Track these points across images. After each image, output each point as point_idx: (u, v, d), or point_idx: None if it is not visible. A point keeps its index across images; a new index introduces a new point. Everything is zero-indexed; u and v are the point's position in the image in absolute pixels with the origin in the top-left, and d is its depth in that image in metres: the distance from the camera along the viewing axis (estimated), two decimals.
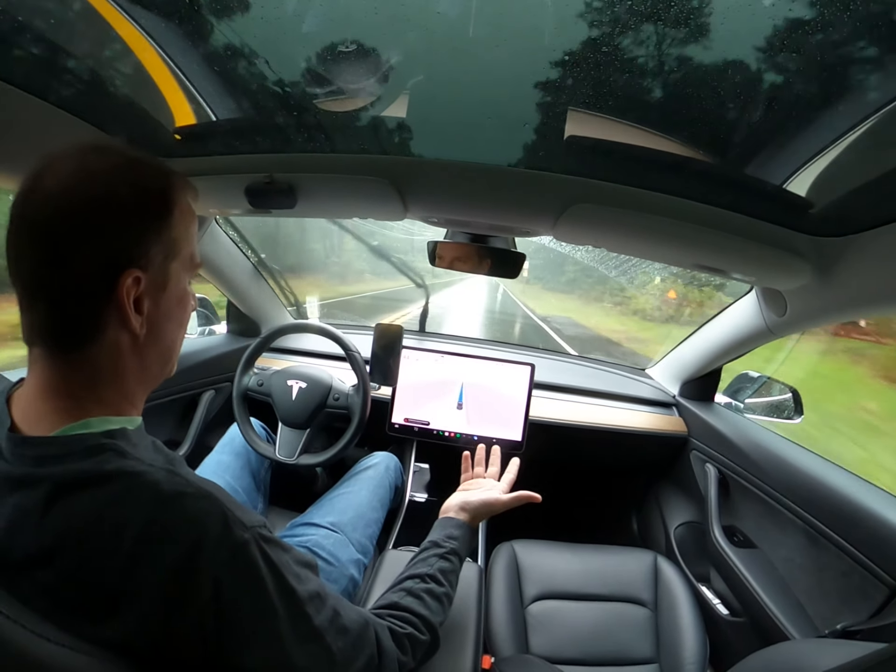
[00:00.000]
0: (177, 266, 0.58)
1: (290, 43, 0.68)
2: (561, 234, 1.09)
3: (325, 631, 0.56)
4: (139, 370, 0.58)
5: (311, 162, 0.99)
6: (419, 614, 0.74)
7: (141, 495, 0.48)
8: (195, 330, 1.84)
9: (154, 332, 0.57)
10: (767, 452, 1.36)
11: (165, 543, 0.47)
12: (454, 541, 0.89)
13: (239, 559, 0.50)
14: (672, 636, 1.23)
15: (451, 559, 0.86)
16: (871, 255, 0.84)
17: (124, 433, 0.54)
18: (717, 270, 1.09)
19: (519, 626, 1.21)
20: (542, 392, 1.80)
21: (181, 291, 0.60)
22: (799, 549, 1.22)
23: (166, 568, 0.46)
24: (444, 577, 0.82)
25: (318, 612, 0.57)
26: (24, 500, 0.47)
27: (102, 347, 0.53)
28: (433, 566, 0.82)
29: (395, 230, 5.32)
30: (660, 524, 1.78)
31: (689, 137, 0.77)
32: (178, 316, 0.61)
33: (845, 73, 0.57)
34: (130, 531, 0.46)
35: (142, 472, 0.49)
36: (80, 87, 0.80)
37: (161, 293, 0.56)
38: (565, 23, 0.58)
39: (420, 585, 0.78)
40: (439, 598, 0.79)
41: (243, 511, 0.54)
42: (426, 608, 0.75)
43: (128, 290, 0.51)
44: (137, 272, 0.52)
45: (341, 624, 0.59)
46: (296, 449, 1.37)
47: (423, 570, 0.81)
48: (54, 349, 0.52)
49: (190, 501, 0.49)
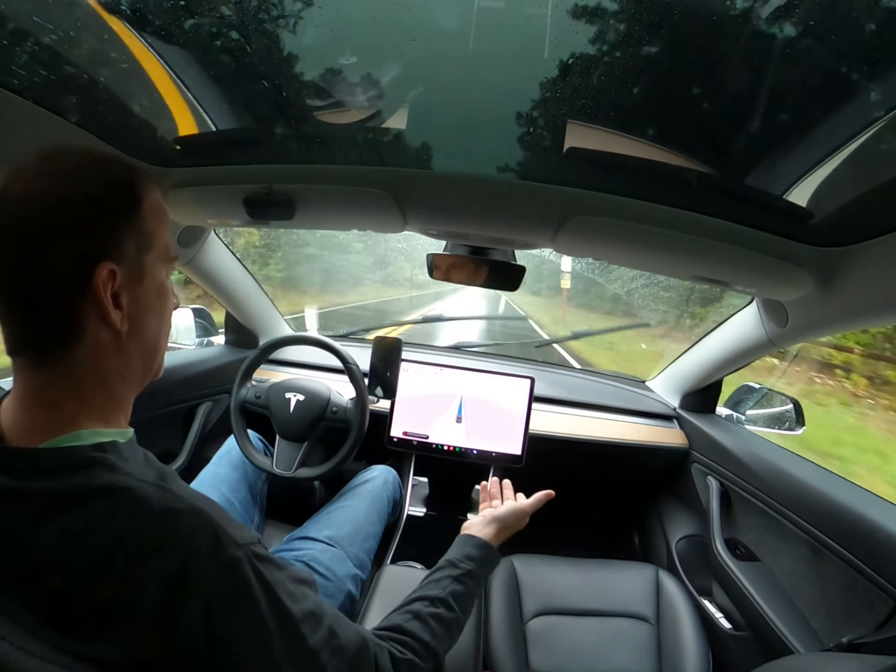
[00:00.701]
0: (152, 258, 0.57)
1: (289, 55, 0.68)
2: (561, 247, 1.09)
3: (320, 651, 0.55)
4: (124, 369, 0.57)
5: (310, 173, 0.99)
6: (423, 640, 0.70)
7: (131, 512, 0.47)
8: (193, 341, 1.83)
9: (136, 328, 0.56)
10: (769, 464, 1.35)
11: (156, 561, 0.46)
12: (472, 562, 0.85)
13: (230, 578, 0.49)
14: (674, 651, 1.21)
15: (466, 582, 0.81)
16: (872, 264, 0.84)
17: (115, 446, 0.53)
18: (718, 282, 1.08)
19: (518, 642, 1.19)
20: (541, 405, 1.79)
21: (159, 284, 0.59)
22: (802, 562, 1.20)
23: (157, 587, 0.45)
24: (456, 602, 0.78)
25: (313, 631, 0.55)
26: (13, 514, 0.47)
27: (85, 349, 0.52)
28: (445, 589, 0.78)
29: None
30: (661, 538, 1.76)
31: (689, 148, 0.77)
32: (158, 309, 0.60)
33: (845, 83, 0.57)
34: (120, 549, 0.45)
35: (132, 488, 0.48)
36: (78, 95, 0.80)
37: (138, 286, 0.56)
38: (564, 36, 0.58)
39: (428, 609, 0.74)
40: (448, 624, 0.75)
41: (236, 527, 0.52)
42: (431, 634, 0.71)
43: (104, 283, 0.50)
44: (111, 265, 0.51)
45: (337, 644, 0.57)
46: (293, 462, 1.36)
47: (433, 592, 0.77)
48: (37, 357, 0.52)
49: (181, 518, 0.48)
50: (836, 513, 1.11)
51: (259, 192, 1.02)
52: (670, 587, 1.35)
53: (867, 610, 1.01)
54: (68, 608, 0.45)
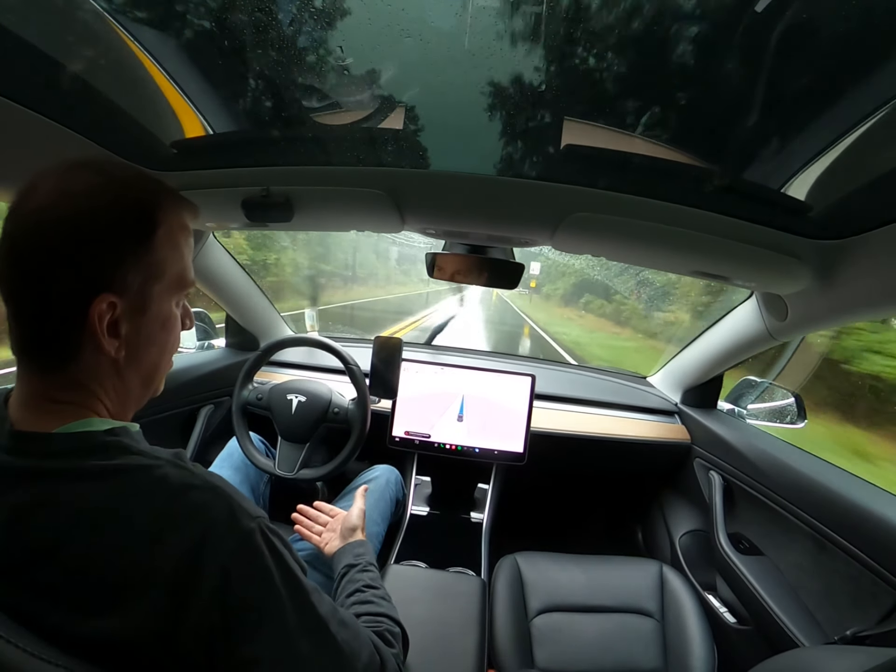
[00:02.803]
0: (160, 289, 0.56)
1: (286, 56, 0.68)
2: (560, 244, 1.09)
3: (329, 622, 0.57)
4: (121, 391, 0.57)
5: (307, 175, 0.99)
6: (381, 613, 0.77)
7: (149, 489, 0.49)
8: (194, 344, 1.83)
9: (134, 356, 0.55)
10: (772, 458, 1.35)
11: (174, 535, 0.47)
12: (363, 556, 0.94)
13: (246, 548, 0.50)
14: (679, 646, 1.21)
15: (370, 569, 0.90)
16: (871, 256, 0.84)
17: (127, 431, 0.55)
18: (717, 277, 1.09)
19: (524, 640, 1.19)
20: (543, 403, 1.79)
21: (165, 314, 0.58)
22: (806, 555, 1.21)
23: (174, 559, 0.46)
24: (375, 582, 0.87)
25: (321, 603, 0.57)
26: (31, 493, 0.47)
27: (81, 368, 0.52)
28: (361, 580, 0.86)
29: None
30: (664, 533, 1.76)
31: (686, 144, 0.77)
32: (160, 340, 0.59)
33: (842, 75, 0.57)
34: (138, 524, 0.47)
35: (149, 466, 0.50)
36: (73, 100, 0.80)
37: (141, 317, 0.55)
38: (561, 34, 0.58)
39: (363, 595, 0.82)
40: (384, 597, 0.83)
41: (248, 502, 0.54)
42: (382, 607, 0.79)
43: (100, 315, 0.50)
44: (112, 297, 0.50)
45: (341, 618, 0.60)
46: (295, 463, 1.36)
47: (355, 586, 0.85)
48: (39, 362, 0.52)
49: (197, 493, 0.50)
50: (840, 506, 1.11)
51: (257, 194, 1.02)
52: (674, 582, 1.35)
53: (871, 602, 1.01)
54: (83, 585, 0.46)
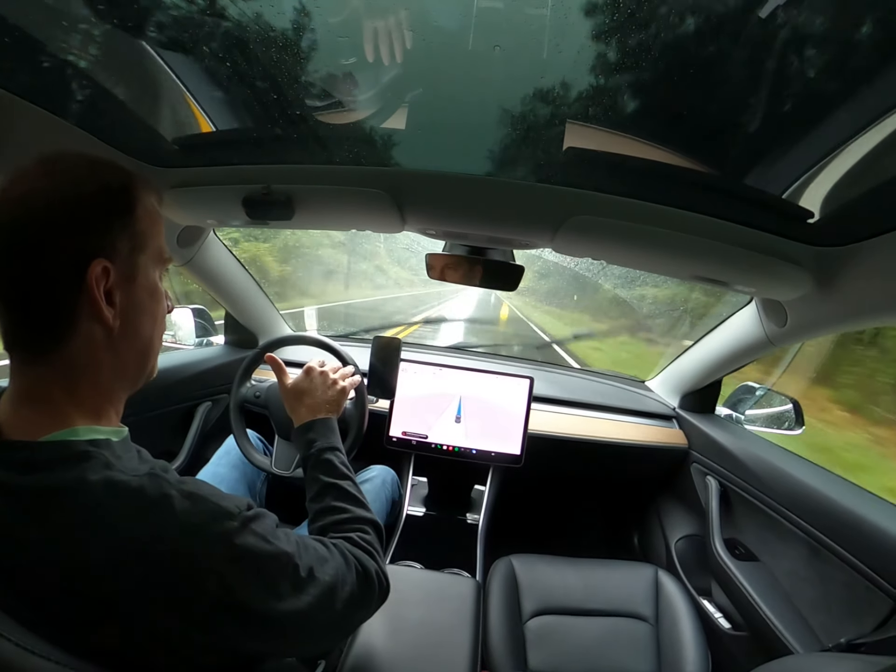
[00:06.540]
0: (145, 259, 0.59)
1: (288, 55, 0.68)
2: (560, 247, 1.09)
3: (315, 570, 0.60)
4: (116, 366, 0.58)
5: (308, 173, 0.99)
6: (347, 520, 0.79)
7: (127, 502, 0.48)
8: (192, 341, 1.83)
9: (128, 326, 0.57)
10: (769, 464, 1.35)
11: (157, 547, 0.47)
12: (316, 441, 0.93)
13: (235, 549, 0.51)
14: (673, 651, 1.21)
15: (327, 456, 0.90)
16: (871, 264, 0.84)
17: (109, 444, 0.54)
18: (717, 282, 1.08)
19: (517, 642, 1.19)
20: (541, 405, 1.79)
21: (152, 284, 0.61)
22: (801, 562, 1.20)
23: (164, 572, 0.47)
24: (336, 472, 0.87)
25: (306, 554, 0.61)
26: (8, 508, 0.47)
27: (77, 343, 0.53)
28: (323, 477, 0.86)
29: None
30: (660, 538, 1.76)
31: (688, 148, 0.77)
32: (151, 309, 0.61)
33: (844, 82, 0.57)
34: (119, 538, 0.47)
35: (126, 481, 0.50)
36: (77, 96, 0.80)
37: (131, 285, 0.57)
38: (563, 36, 0.58)
39: (327, 503, 0.82)
40: (349, 494, 0.85)
41: (228, 500, 0.55)
42: (349, 511, 0.81)
43: (97, 279, 0.52)
44: (105, 262, 0.52)
45: (320, 555, 0.64)
46: (292, 462, 1.36)
47: (320, 484, 0.85)
48: (31, 351, 0.53)
49: (175, 503, 0.50)
50: (836, 513, 1.11)
51: (258, 192, 1.02)
52: (669, 587, 1.35)
53: (867, 610, 1.01)
54: (68, 603, 0.46)
